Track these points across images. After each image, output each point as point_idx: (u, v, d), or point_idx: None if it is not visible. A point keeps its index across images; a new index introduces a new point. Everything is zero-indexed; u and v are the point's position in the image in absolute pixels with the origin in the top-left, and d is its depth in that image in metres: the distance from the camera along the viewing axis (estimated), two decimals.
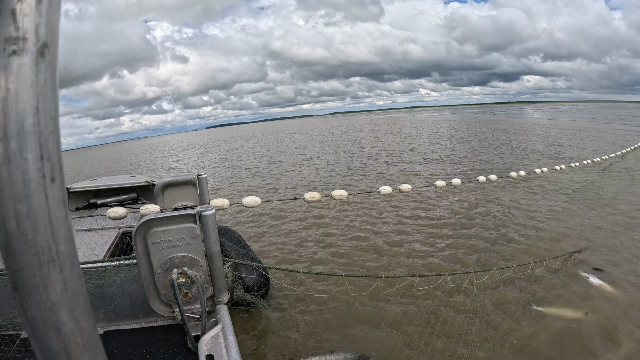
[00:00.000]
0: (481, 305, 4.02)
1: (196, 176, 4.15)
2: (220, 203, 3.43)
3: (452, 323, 3.81)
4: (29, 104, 0.34)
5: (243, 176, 14.96)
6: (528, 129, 27.17)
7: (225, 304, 2.69)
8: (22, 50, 0.33)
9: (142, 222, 2.32)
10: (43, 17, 0.33)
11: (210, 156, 25.81)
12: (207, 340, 2.17)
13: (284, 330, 4.03)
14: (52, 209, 0.37)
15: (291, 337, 3.91)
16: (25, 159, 0.34)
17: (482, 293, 4.22)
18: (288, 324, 4.14)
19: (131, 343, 2.65)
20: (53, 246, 0.37)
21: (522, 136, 22.76)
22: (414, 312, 4.15)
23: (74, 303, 0.39)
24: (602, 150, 14.54)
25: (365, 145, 23.02)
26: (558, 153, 15.04)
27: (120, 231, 4.36)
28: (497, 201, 8.55)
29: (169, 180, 4.08)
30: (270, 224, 7.83)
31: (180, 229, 2.40)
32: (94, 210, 5.52)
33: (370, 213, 8.17)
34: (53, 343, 0.38)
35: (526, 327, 3.74)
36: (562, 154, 14.60)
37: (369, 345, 3.67)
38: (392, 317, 4.02)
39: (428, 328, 3.77)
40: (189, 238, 2.42)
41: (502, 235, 6.40)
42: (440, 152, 17.81)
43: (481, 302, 4.07)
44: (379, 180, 11.86)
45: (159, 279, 2.43)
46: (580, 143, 18.18)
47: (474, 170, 12.38)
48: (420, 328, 3.85)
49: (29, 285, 0.36)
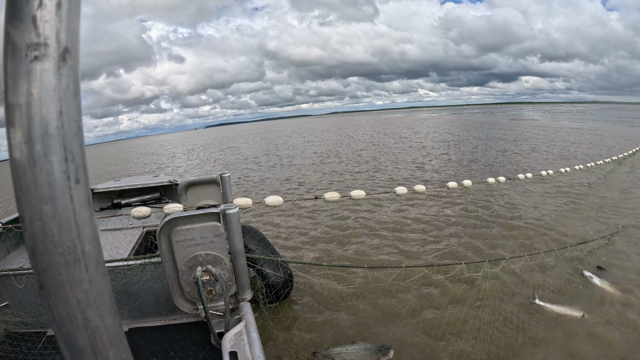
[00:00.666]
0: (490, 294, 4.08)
1: (219, 175, 4.19)
2: (243, 202, 3.46)
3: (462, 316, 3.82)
4: (53, 107, 0.35)
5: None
6: (537, 133, 26.42)
7: (248, 301, 2.71)
8: (43, 56, 0.34)
9: (166, 220, 2.35)
10: (63, 23, 0.34)
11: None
12: (231, 337, 2.19)
13: (307, 326, 4.04)
14: (77, 210, 0.38)
15: (314, 332, 3.93)
16: (50, 161, 0.35)
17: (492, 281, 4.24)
18: (311, 320, 4.15)
19: (155, 340, 2.70)
20: (78, 246, 0.38)
21: (532, 141, 22.20)
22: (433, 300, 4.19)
23: (99, 301, 0.40)
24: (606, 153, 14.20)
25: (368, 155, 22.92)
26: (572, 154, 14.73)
27: (144, 230, 4.44)
28: (503, 200, 8.51)
29: (192, 180, 4.13)
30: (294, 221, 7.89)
31: (204, 227, 2.42)
32: (118, 210, 5.64)
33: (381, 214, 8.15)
34: (79, 340, 0.38)
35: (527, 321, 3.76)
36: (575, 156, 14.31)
37: (390, 335, 3.70)
38: (412, 307, 4.08)
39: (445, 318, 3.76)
40: (212, 236, 2.45)
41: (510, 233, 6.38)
42: (449, 154, 17.56)
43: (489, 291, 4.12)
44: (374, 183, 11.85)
45: (183, 277, 2.47)
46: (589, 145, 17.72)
47: (483, 172, 12.27)
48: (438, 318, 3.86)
49: (55, 284, 0.37)
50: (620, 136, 21.96)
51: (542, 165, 12.36)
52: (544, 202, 8.21)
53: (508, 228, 6.63)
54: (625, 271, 4.66)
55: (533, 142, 19.87)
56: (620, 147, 15.73)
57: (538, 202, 8.22)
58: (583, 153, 15.14)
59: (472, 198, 8.74)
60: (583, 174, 10.12)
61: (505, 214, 7.44)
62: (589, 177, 10.23)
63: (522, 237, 6.16)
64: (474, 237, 6.25)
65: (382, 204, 8.63)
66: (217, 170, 12.27)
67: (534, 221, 6.87)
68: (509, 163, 13.65)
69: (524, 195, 8.80)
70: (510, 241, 5.99)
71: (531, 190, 9.18)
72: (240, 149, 28.30)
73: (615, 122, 34.94)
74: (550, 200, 8.26)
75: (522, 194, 8.91)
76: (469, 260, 4.34)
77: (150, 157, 32.08)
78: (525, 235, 6.24)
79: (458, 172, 12.37)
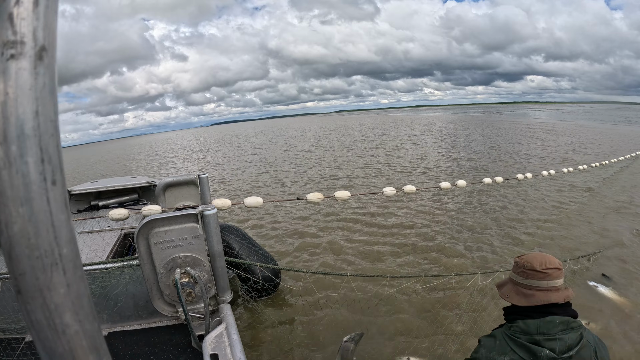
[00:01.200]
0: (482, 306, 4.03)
1: (197, 176, 4.15)
2: (222, 203, 3.43)
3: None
4: (29, 107, 0.34)
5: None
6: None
7: (228, 302, 2.70)
8: (20, 54, 0.33)
9: (144, 222, 2.32)
10: (40, 21, 0.33)
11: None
12: (211, 339, 2.17)
13: (287, 327, 4.04)
14: (54, 212, 0.37)
15: (294, 335, 3.93)
16: (26, 162, 0.34)
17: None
18: (292, 322, 4.16)
19: (135, 344, 2.66)
20: (56, 249, 0.37)
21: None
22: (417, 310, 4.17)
23: (77, 305, 0.39)
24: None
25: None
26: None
27: (123, 232, 4.37)
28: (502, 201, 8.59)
29: (170, 181, 4.08)
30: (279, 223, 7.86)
31: (183, 229, 2.40)
32: (95, 212, 5.52)
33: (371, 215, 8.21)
34: (58, 345, 0.38)
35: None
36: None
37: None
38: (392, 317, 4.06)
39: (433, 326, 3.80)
40: (191, 238, 2.43)
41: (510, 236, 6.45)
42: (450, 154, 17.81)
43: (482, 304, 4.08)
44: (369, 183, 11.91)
45: (162, 279, 2.43)
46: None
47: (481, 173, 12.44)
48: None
49: (33, 288, 0.36)
50: (624, 136, 22.45)
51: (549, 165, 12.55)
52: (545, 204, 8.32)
53: (507, 234, 6.67)
54: (631, 279, 4.70)
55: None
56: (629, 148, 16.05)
57: (538, 205, 8.33)
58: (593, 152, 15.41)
59: (476, 199, 8.81)
60: (586, 175, 10.27)
61: (504, 217, 7.52)
62: (593, 177, 10.36)
63: (521, 244, 6.18)
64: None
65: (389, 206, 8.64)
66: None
67: (536, 228, 6.89)
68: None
69: (523, 197, 8.92)
70: (508, 247, 6.02)
71: (533, 192, 9.29)
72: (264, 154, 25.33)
73: (624, 123, 35.63)
74: (554, 203, 8.35)
75: (521, 195, 9.03)
76: (459, 272, 4.32)
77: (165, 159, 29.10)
78: (526, 242, 6.26)
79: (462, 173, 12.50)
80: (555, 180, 9.83)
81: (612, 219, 7.14)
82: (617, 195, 8.66)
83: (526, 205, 8.14)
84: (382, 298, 4.12)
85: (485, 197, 8.93)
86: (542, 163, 13.23)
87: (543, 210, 7.77)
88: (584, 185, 9.58)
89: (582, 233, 6.46)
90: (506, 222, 7.15)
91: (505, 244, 6.09)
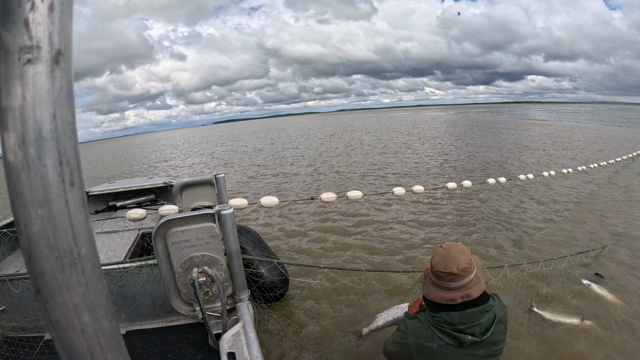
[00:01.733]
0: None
1: (214, 176, 4.17)
2: (238, 203, 3.45)
3: None
4: (46, 111, 0.34)
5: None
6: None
7: (245, 301, 2.71)
8: (36, 59, 0.33)
9: (161, 222, 2.34)
10: (56, 25, 0.34)
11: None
12: (228, 338, 2.18)
13: (303, 326, 4.05)
14: (73, 213, 0.37)
15: (310, 333, 3.93)
16: (45, 164, 0.35)
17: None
18: (307, 321, 4.16)
19: (153, 342, 2.69)
20: (74, 249, 0.38)
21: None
22: None
23: (96, 304, 0.39)
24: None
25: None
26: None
27: (140, 232, 4.42)
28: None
29: (186, 181, 4.12)
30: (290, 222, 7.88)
31: (200, 229, 2.42)
32: (113, 212, 5.61)
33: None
34: (76, 344, 0.38)
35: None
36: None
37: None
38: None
39: None
40: (208, 237, 2.44)
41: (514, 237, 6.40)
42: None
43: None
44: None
45: (180, 279, 2.46)
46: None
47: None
48: None
49: (52, 288, 0.37)
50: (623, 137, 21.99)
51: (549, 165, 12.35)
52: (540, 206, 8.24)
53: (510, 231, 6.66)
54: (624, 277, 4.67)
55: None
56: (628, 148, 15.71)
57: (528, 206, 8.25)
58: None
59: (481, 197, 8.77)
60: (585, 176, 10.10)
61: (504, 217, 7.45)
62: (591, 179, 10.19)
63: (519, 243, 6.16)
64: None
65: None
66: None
67: (534, 229, 6.84)
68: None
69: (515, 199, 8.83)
70: (512, 247, 5.99)
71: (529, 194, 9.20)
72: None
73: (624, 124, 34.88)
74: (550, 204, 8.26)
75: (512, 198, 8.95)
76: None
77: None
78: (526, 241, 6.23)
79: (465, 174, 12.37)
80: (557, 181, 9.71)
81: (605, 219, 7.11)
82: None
83: (526, 205, 8.09)
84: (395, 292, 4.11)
85: (489, 195, 8.85)
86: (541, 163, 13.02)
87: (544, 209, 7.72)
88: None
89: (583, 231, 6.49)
90: (503, 220, 7.12)
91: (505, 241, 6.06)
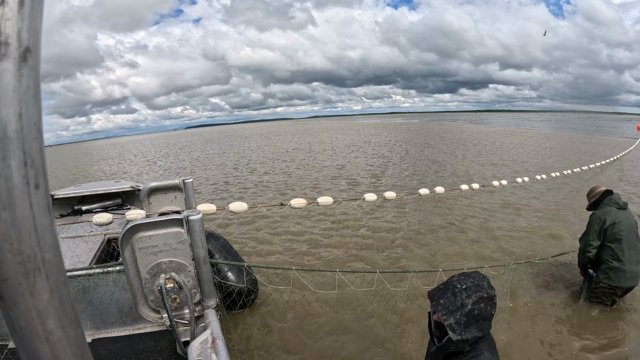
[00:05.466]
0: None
1: (182, 180, 4.10)
2: (206, 208, 3.39)
3: None
4: (12, 110, 0.33)
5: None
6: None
7: (213, 308, 2.67)
8: (4, 55, 0.32)
9: (128, 227, 2.29)
10: (25, 22, 0.33)
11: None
12: (197, 345, 2.15)
13: (271, 332, 4.03)
14: (37, 217, 0.36)
15: (279, 339, 3.91)
16: (9, 165, 0.34)
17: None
18: (276, 326, 4.14)
19: (120, 350, 2.61)
20: (38, 254, 0.36)
21: None
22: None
23: (61, 311, 0.38)
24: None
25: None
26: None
27: (106, 237, 4.30)
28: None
29: (154, 185, 4.01)
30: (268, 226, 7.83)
31: (167, 234, 2.38)
32: (78, 216, 5.41)
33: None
34: (41, 352, 0.37)
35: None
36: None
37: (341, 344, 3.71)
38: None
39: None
40: (176, 243, 2.40)
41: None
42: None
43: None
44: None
45: (147, 285, 2.40)
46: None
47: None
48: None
49: (15, 294, 0.35)
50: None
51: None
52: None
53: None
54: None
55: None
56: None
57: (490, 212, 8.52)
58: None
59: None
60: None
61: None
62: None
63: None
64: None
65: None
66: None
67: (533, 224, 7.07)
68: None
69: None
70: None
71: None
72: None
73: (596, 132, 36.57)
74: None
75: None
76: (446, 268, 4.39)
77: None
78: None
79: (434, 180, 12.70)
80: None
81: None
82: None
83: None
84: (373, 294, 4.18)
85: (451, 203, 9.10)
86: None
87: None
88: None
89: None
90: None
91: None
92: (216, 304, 2.72)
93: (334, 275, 4.08)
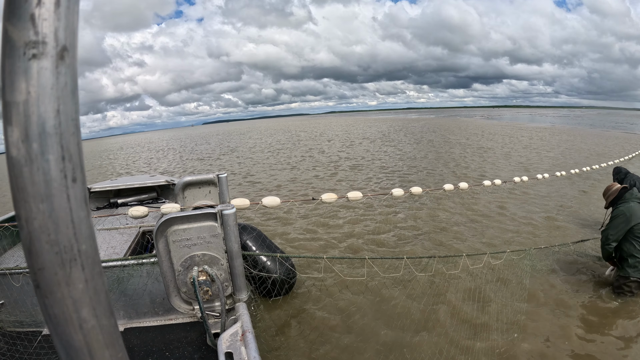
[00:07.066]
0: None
1: (216, 175, 4.17)
2: (240, 202, 3.45)
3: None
4: (50, 106, 0.34)
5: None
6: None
7: (245, 301, 2.70)
8: (42, 54, 0.34)
9: (163, 220, 2.35)
10: (62, 21, 0.34)
11: None
12: (227, 337, 2.18)
13: (304, 327, 4.05)
14: (74, 209, 0.37)
15: (312, 333, 3.93)
16: (47, 160, 0.35)
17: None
18: (308, 321, 4.16)
19: (151, 340, 2.69)
20: (75, 245, 0.38)
21: None
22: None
23: (95, 301, 0.39)
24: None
25: None
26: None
27: (141, 230, 4.43)
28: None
29: (189, 180, 4.11)
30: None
31: (201, 228, 2.42)
32: (114, 209, 5.61)
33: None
34: (74, 340, 0.38)
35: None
36: None
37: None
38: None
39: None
40: (209, 236, 2.44)
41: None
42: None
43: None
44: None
45: (180, 277, 2.46)
46: None
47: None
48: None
49: (51, 283, 0.37)
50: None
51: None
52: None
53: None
54: None
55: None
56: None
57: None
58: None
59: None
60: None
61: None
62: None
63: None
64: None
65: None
66: None
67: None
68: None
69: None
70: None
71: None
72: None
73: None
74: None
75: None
76: (469, 253, 4.52)
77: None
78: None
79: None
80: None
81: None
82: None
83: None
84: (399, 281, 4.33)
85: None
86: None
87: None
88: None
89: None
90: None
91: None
92: (247, 297, 2.75)
93: (363, 264, 4.14)
